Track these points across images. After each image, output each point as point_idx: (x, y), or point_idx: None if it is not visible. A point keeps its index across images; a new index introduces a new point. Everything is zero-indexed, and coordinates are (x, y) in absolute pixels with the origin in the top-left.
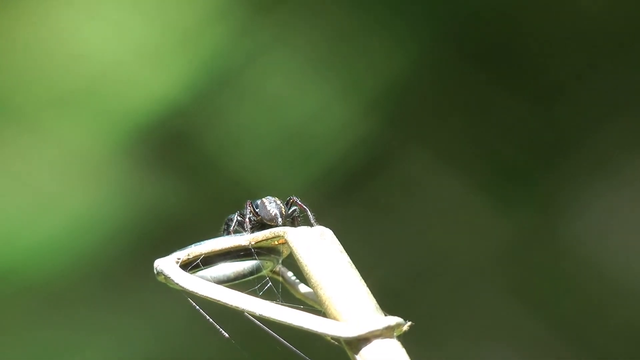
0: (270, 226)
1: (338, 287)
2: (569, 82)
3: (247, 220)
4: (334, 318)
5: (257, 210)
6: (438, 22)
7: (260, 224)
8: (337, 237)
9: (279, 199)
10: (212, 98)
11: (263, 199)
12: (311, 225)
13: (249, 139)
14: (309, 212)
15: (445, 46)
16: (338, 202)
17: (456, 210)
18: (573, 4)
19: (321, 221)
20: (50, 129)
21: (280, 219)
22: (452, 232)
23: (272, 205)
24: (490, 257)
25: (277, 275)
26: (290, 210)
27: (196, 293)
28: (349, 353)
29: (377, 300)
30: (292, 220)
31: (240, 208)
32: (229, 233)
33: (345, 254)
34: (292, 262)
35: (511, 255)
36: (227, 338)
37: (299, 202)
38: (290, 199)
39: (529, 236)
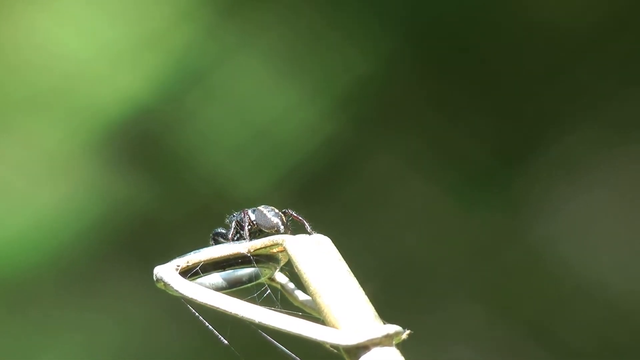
0: (269, 234)
1: (336, 295)
2: (536, 84)
3: (246, 228)
4: (333, 326)
5: (253, 219)
6: (406, 24)
7: (258, 233)
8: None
9: (276, 208)
10: (182, 97)
11: (259, 208)
12: (309, 233)
13: (218, 138)
14: (306, 224)
15: (413, 48)
16: (305, 200)
17: (424, 212)
18: (541, 6)
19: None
20: (20, 128)
21: (282, 227)
22: (419, 234)
23: (271, 214)
24: (458, 259)
25: (276, 283)
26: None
27: (195, 300)
28: None
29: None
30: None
31: (224, 219)
32: (218, 243)
33: (344, 262)
34: (290, 270)
35: (480, 257)
36: (226, 345)
37: (295, 215)
38: (285, 211)
39: (498, 238)
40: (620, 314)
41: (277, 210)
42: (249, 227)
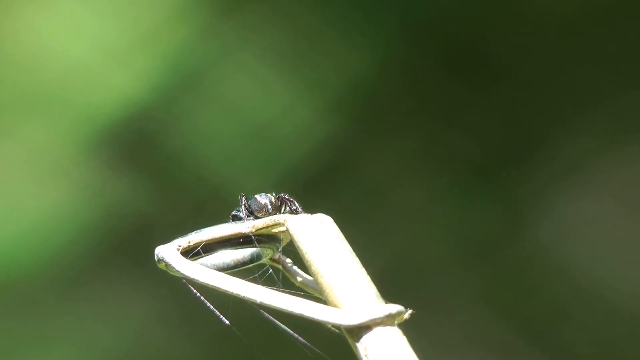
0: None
1: (339, 275)
2: (535, 84)
3: (242, 208)
4: (335, 306)
5: (249, 204)
6: (403, 23)
7: (253, 217)
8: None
9: (270, 193)
10: (177, 98)
11: (255, 195)
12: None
13: (214, 139)
14: (298, 207)
15: (410, 47)
16: (303, 201)
17: (422, 211)
18: (539, 6)
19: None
20: (15, 130)
21: (270, 207)
22: (418, 233)
23: (261, 197)
24: (456, 259)
25: (277, 264)
26: (281, 203)
27: (197, 280)
28: (350, 341)
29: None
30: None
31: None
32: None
33: (346, 242)
34: (293, 250)
35: (477, 257)
36: (228, 325)
37: (287, 197)
38: (280, 195)
39: (495, 240)
40: (620, 316)
41: (269, 195)
42: (245, 212)
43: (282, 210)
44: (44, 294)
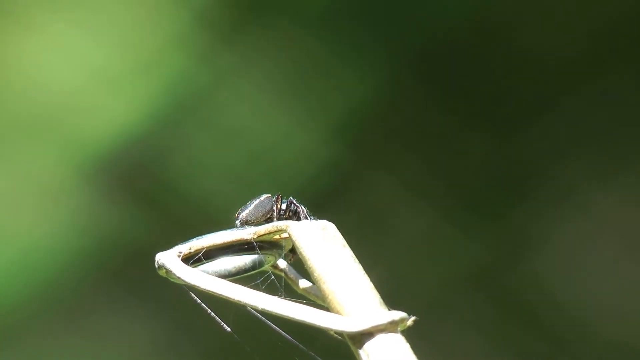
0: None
1: (341, 281)
2: (532, 115)
3: (240, 215)
4: (338, 312)
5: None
6: (402, 52)
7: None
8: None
9: (272, 197)
10: (174, 125)
11: (253, 200)
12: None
13: (212, 166)
14: (303, 211)
15: (409, 76)
16: None
17: (419, 239)
18: (535, 37)
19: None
20: (9, 157)
21: (274, 215)
22: (414, 261)
23: (263, 202)
24: (453, 288)
25: (279, 270)
26: (286, 209)
27: (198, 287)
28: (353, 347)
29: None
30: (288, 217)
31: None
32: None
33: (349, 248)
34: (294, 257)
35: (475, 287)
36: (229, 332)
37: (295, 202)
38: (291, 200)
39: (493, 268)
40: (617, 347)
41: (271, 199)
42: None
43: (285, 216)
44: (38, 321)
